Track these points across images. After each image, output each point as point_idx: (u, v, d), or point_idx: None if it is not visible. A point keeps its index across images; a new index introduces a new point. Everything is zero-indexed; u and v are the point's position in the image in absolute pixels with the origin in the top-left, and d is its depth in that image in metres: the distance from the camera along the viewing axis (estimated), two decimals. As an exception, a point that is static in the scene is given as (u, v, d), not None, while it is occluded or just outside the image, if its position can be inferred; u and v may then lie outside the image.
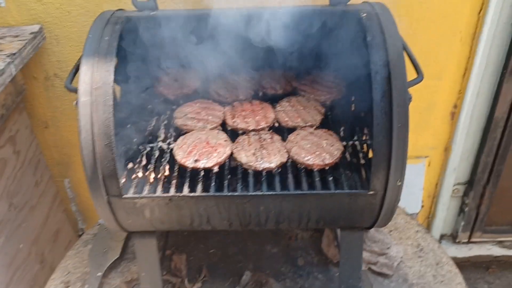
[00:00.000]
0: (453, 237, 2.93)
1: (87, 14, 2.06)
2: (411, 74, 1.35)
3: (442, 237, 2.95)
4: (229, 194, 1.43)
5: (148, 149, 1.68)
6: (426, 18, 2.09)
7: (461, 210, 2.79)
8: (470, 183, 2.66)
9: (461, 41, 2.16)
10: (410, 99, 1.33)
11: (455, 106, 2.39)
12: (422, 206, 2.76)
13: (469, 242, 2.90)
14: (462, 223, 2.80)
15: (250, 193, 1.43)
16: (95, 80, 1.35)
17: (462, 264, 3.01)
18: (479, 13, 2.09)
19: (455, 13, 2.08)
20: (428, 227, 2.90)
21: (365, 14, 1.45)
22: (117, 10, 1.60)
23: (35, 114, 2.38)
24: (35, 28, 2.05)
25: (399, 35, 1.39)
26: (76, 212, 2.75)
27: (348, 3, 1.59)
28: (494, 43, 2.17)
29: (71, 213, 2.76)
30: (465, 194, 2.71)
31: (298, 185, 1.52)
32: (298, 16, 1.58)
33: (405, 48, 1.42)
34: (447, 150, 2.55)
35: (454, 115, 2.42)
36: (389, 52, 1.34)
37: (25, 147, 2.23)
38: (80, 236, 2.16)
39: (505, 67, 2.22)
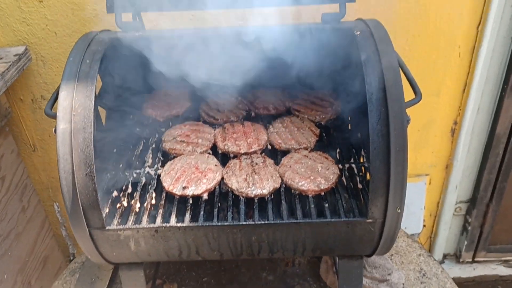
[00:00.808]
0: (456, 257, 2.84)
1: (73, 34, 2.00)
2: (408, 94, 1.27)
3: (445, 256, 2.85)
4: (219, 224, 1.35)
5: (134, 175, 1.60)
6: (423, 33, 2.04)
7: (464, 229, 2.70)
8: (472, 201, 2.58)
9: (459, 56, 2.10)
10: (408, 121, 1.26)
11: (455, 123, 2.32)
12: (424, 226, 2.67)
13: (473, 261, 2.81)
14: (466, 242, 2.70)
15: (241, 223, 1.35)
16: (75, 106, 1.27)
17: (467, 285, 2.90)
18: (478, 26, 2.03)
19: (453, 28, 2.02)
20: (430, 246, 2.81)
21: (359, 32, 1.38)
22: (101, 31, 1.53)
23: (22, 137, 2.31)
24: (20, 49, 1.99)
25: (395, 53, 1.32)
26: (66, 237, 2.66)
27: (342, 19, 1.52)
28: (494, 57, 2.11)
29: (61, 238, 2.66)
30: (468, 212, 2.63)
31: (292, 212, 1.44)
32: (289, 34, 1.53)
33: (401, 66, 1.35)
34: (448, 167, 2.47)
35: (454, 132, 2.35)
36: (385, 72, 1.27)
37: (10, 172, 2.15)
38: (71, 261, 2.07)
39: (505, 81, 2.16)
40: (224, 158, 1.65)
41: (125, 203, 1.47)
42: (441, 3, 1.95)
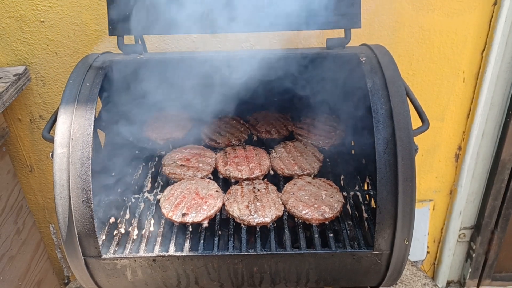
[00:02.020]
0: (460, 284, 2.77)
1: (74, 55, 1.98)
2: (414, 120, 1.24)
3: (449, 284, 2.79)
4: (220, 253, 1.30)
5: (133, 200, 1.55)
6: (427, 58, 2.02)
7: (468, 256, 2.64)
8: (477, 228, 2.53)
9: (464, 81, 2.08)
10: (416, 150, 1.23)
11: (459, 148, 2.28)
12: (428, 253, 2.62)
13: (478, 289, 2.74)
14: (470, 270, 2.64)
15: (242, 253, 1.30)
16: (73, 130, 1.24)
17: (472, 313, 2.83)
18: (482, 52, 2.02)
19: (457, 53, 2.01)
20: (434, 273, 2.74)
21: (364, 58, 1.36)
22: (102, 53, 1.51)
23: (19, 158, 2.27)
24: (20, 69, 1.96)
25: (401, 80, 1.29)
26: (61, 260, 2.60)
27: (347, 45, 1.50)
28: (498, 83, 2.09)
29: (55, 260, 2.60)
30: (472, 239, 2.57)
31: (295, 241, 1.39)
32: (293, 58, 1.51)
33: (408, 93, 1.33)
34: (452, 193, 2.43)
35: (459, 157, 2.31)
36: (392, 100, 1.24)
37: (6, 193, 2.10)
38: (65, 284, 2.00)
39: (510, 107, 2.14)
40: (225, 183, 1.61)
41: (122, 230, 1.43)
42: (445, 29, 1.94)
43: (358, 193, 1.55)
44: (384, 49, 1.43)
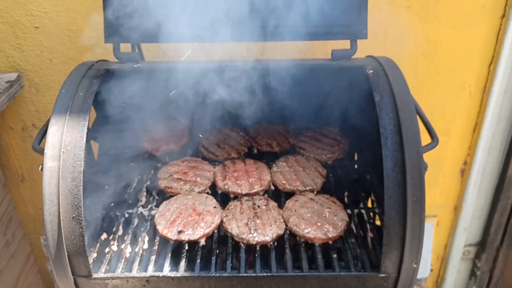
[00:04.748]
0: (464, 303, 2.70)
1: (69, 62, 1.92)
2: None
3: (452, 302, 2.71)
4: (217, 274, 1.23)
5: (126, 215, 1.48)
6: (432, 71, 1.97)
7: (472, 273, 2.57)
8: (482, 245, 2.46)
9: (470, 95, 2.03)
10: (426, 168, 1.16)
11: (465, 163, 2.22)
12: (431, 270, 2.54)
13: (482, 308, 2.66)
14: (474, 288, 2.58)
15: (241, 274, 1.23)
16: (65, 142, 1.17)
17: (475, 332, 2.74)
18: (490, 66, 1.97)
19: (464, 66, 1.96)
20: (437, 291, 2.67)
21: (371, 71, 1.30)
22: (97, 62, 1.45)
23: (10, 167, 2.19)
24: (12, 76, 1.90)
25: (410, 95, 1.23)
26: (52, 272, 2.51)
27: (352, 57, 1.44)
28: (506, 97, 2.03)
29: (46, 273, 2.52)
30: (477, 256, 2.50)
31: (296, 260, 1.32)
32: (297, 69, 1.45)
33: (416, 109, 1.27)
34: (457, 209, 2.37)
35: (464, 172, 2.25)
36: (400, 115, 1.18)
37: (-5, 204, 2.03)
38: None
39: (518, 122, 2.08)
40: (223, 198, 1.55)
41: (114, 247, 1.35)
42: (452, 41, 1.89)
43: (362, 210, 1.48)
44: (391, 62, 1.37)
